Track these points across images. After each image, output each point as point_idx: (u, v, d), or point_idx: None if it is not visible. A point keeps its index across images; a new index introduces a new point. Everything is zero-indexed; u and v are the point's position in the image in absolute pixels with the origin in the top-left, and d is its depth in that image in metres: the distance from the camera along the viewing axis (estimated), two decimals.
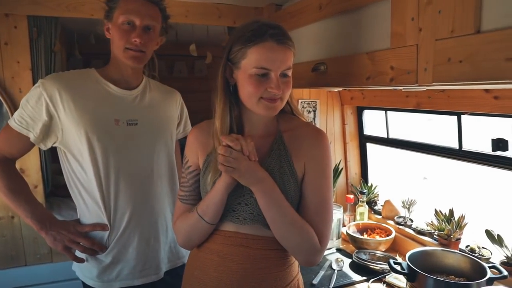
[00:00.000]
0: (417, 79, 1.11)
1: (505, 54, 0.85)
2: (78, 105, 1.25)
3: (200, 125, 1.20)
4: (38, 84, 1.24)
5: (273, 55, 1.00)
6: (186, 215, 1.13)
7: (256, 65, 1.00)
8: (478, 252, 1.64)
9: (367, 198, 2.27)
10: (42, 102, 1.23)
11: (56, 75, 1.30)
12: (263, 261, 1.08)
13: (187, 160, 1.17)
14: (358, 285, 1.68)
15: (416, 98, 1.77)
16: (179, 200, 1.18)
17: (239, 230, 1.08)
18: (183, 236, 1.15)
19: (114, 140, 1.29)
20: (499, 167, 1.54)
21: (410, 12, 1.12)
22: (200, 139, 1.15)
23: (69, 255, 1.32)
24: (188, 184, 1.16)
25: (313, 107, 2.31)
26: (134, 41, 1.26)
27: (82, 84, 1.30)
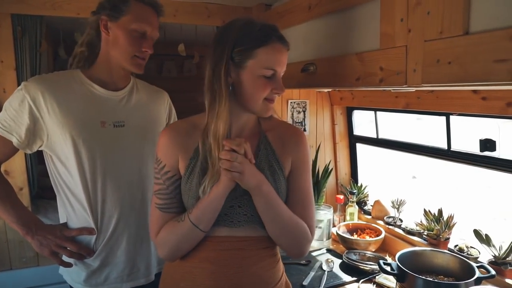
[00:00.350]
0: (406, 80, 1.11)
1: (493, 56, 0.86)
2: (62, 107, 1.22)
3: (175, 126, 1.14)
4: (21, 87, 1.21)
5: (280, 57, 1.04)
6: (173, 225, 1.06)
7: (265, 66, 1.01)
8: (467, 251, 1.65)
9: (357, 198, 2.27)
10: (25, 105, 1.20)
11: (39, 77, 1.27)
12: (258, 261, 1.08)
13: (163, 165, 1.08)
14: (348, 286, 1.68)
15: (405, 98, 1.77)
16: (158, 209, 1.08)
17: (232, 234, 1.07)
18: (170, 248, 1.06)
19: (101, 142, 1.27)
20: (487, 167, 1.56)
21: (399, 13, 1.12)
22: (178, 141, 1.08)
23: (56, 260, 1.30)
24: (167, 191, 1.07)
25: (303, 108, 2.31)
26: (145, 51, 1.28)
27: (67, 86, 1.27)
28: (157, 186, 1.09)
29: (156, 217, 1.08)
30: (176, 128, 1.12)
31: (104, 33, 1.26)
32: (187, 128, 1.09)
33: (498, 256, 1.51)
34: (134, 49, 1.26)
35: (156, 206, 1.08)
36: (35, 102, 1.20)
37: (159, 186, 1.08)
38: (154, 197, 1.10)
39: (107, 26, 1.25)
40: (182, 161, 1.07)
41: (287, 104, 2.26)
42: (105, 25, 1.25)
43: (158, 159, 1.09)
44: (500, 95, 1.35)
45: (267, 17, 2.00)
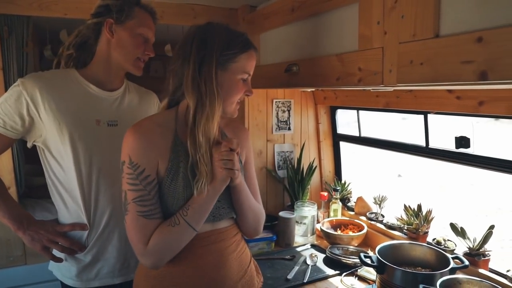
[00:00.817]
0: (383, 80, 1.17)
1: (461, 57, 0.91)
2: (59, 105, 1.25)
3: (146, 127, 1.07)
4: (17, 83, 1.23)
5: (254, 63, 1.15)
6: (167, 230, 1.03)
7: (244, 70, 1.11)
8: (444, 244, 1.72)
9: (341, 195, 2.33)
10: (22, 102, 1.22)
11: (36, 74, 1.29)
12: (235, 247, 1.18)
13: (142, 169, 1.02)
14: (331, 279, 1.74)
15: (385, 98, 1.84)
16: (142, 217, 1.02)
17: (214, 228, 1.13)
18: (165, 254, 1.04)
19: (96, 140, 1.30)
20: (462, 163, 1.63)
21: (376, 16, 1.18)
22: (155, 142, 1.05)
23: (47, 255, 1.31)
24: (150, 197, 1.03)
25: (287, 107, 2.36)
26: (147, 54, 1.36)
27: (63, 84, 1.29)
28: (135, 193, 1.02)
29: (141, 226, 1.02)
30: (148, 128, 1.06)
31: (108, 35, 1.30)
32: (156, 128, 1.07)
33: (473, 248, 1.58)
34: (138, 52, 1.34)
35: (139, 215, 1.02)
36: (32, 98, 1.22)
37: (138, 192, 1.02)
38: (133, 205, 1.02)
39: (111, 28, 1.29)
40: (162, 163, 1.05)
41: (272, 104, 2.31)
42: (110, 27, 1.29)
43: (134, 163, 1.02)
44: (473, 95, 1.42)
45: (252, 19, 2.05)
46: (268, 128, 2.33)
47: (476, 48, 0.88)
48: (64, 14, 1.83)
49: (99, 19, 1.31)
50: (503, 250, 4.48)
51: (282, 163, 2.38)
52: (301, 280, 1.70)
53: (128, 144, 1.03)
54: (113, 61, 1.34)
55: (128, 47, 1.32)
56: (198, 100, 1.04)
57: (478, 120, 1.56)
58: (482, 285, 1.33)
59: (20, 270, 1.96)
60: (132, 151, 1.02)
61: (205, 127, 1.03)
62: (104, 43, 1.32)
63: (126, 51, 1.33)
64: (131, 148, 1.03)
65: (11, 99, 1.22)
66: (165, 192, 1.06)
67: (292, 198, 2.31)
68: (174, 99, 1.13)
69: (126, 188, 1.04)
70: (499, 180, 6.48)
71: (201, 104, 1.03)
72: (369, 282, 1.68)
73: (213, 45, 1.05)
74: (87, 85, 1.33)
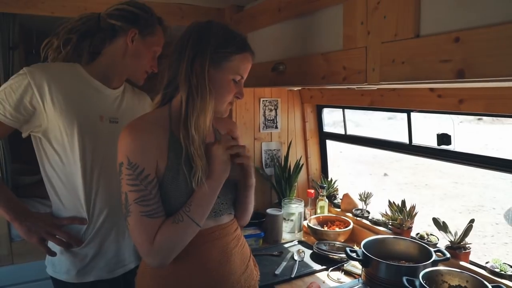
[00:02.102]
0: (366, 78, 1.20)
1: (439, 57, 0.96)
2: (66, 98, 1.26)
3: (142, 126, 1.06)
4: (24, 72, 1.22)
5: (249, 66, 1.17)
6: (172, 228, 1.03)
7: (237, 72, 1.12)
8: (427, 238, 1.77)
9: (327, 192, 2.37)
10: (28, 91, 1.21)
11: (43, 65, 1.28)
12: (237, 242, 1.21)
13: (141, 169, 1.01)
14: (318, 274, 1.77)
15: (370, 96, 1.88)
16: (146, 217, 1.01)
17: (217, 223, 1.16)
18: (171, 251, 1.04)
19: (100, 135, 1.33)
20: (443, 159, 1.68)
21: (360, 17, 1.21)
22: (153, 141, 1.04)
23: (43, 248, 1.30)
24: (151, 196, 1.02)
25: (274, 106, 2.39)
26: (153, 70, 1.45)
27: (70, 78, 1.30)
28: (136, 194, 1.01)
29: (146, 226, 1.01)
30: (144, 128, 1.06)
31: (128, 44, 1.35)
32: (151, 126, 1.07)
33: (454, 241, 1.64)
34: (148, 66, 1.43)
35: (142, 215, 1.01)
36: (39, 89, 1.22)
37: (140, 193, 1.01)
38: (135, 206, 1.01)
39: (133, 38, 1.35)
40: (160, 161, 1.04)
41: (259, 102, 2.34)
42: (133, 37, 1.35)
43: (132, 164, 1.01)
44: (453, 93, 1.47)
45: (239, 18, 2.07)
46: (255, 127, 2.36)
47: (454, 47, 0.92)
48: (51, 12, 1.83)
49: (123, 24, 1.33)
50: (485, 246, 4.59)
51: (269, 161, 2.41)
52: (289, 275, 1.73)
53: (125, 144, 1.02)
54: (123, 66, 1.39)
55: (142, 60, 1.40)
56: (189, 93, 1.05)
57: (462, 119, 1.61)
58: (463, 276, 1.38)
59: (6, 270, 1.94)
60: (130, 152, 1.01)
61: (197, 121, 1.05)
62: (121, 48, 1.36)
63: (139, 62, 1.40)
64: (128, 148, 1.02)
65: (15, 86, 1.21)
66: (167, 190, 1.05)
67: (280, 195, 2.34)
68: (167, 94, 1.14)
69: (126, 190, 1.02)
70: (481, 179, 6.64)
71: (192, 98, 1.05)
72: (355, 276, 1.72)
73: (208, 41, 1.07)
74: (92, 81, 1.35)
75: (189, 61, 1.06)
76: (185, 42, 1.08)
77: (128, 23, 1.34)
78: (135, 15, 1.35)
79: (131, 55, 1.37)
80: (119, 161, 1.03)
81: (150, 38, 1.38)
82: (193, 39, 1.08)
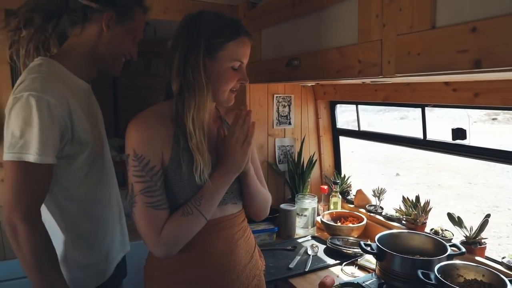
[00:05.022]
0: (382, 71, 1.21)
1: (456, 47, 0.96)
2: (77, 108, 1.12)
3: (148, 118, 1.07)
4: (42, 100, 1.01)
5: (247, 50, 1.13)
6: (181, 220, 1.05)
7: (234, 58, 1.09)
8: (441, 234, 1.77)
9: (340, 188, 2.37)
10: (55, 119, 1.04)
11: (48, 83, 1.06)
12: (243, 233, 1.22)
13: (147, 160, 1.02)
14: (332, 268, 1.78)
15: (384, 91, 1.88)
16: (152, 208, 1.03)
17: (223, 214, 1.17)
18: (179, 243, 1.06)
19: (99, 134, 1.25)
20: (458, 154, 1.67)
21: (375, 10, 1.22)
22: (158, 132, 1.05)
23: None
24: (157, 187, 1.04)
25: (288, 102, 2.40)
26: (131, 57, 1.27)
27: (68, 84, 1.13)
28: (142, 185, 1.03)
29: (152, 217, 1.03)
30: (150, 120, 1.07)
31: (104, 28, 1.15)
32: (158, 118, 1.07)
33: (469, 236, 1.63)
34: (126, 52, 1.24)
35: (148, 206, 1.03)
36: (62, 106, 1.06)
37: (145, 184, 1.03)
38: (141, 197, 1.02)
39: (109, 23, 1.16)
40: (165, 152, 1.06)
41: (273, 99, 2.35)
42: (109, 21, 1.15)
43: (138, 155, 1.02)
44: (468, 87, 1.47)
45: (253, 15, 2.09)
46: (269, 123, 2.37)
47: (471, 37, 0.92)
48: None
49: (97, 6, 1.13)
50: (500, 247, 4.53)
51: (282, 157, 2.42)
52: (303, 269, 1.74)
53: (132, 137, 1.04)
54: (97, 53, 1.19)
55: (119, 47, 1.21)
56: (181, 89, 1.05)
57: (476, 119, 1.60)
58: (479, 270, 1.37)
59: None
60: (136, 144, 1.03)
61: (196, 117, 1.05)
62: (94, 33, 1.16)
63: (115, 49, 1.21)
64: (134, 140, 1.03)
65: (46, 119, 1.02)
66: (170, 181, 1.07)
67: (293, 191, 2.35)
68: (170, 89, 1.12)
69: (132, 181, 1.04)
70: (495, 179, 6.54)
71: (187, 93, 1.04)
72: (369, 270, 1.72)
73: (200, 33, 1.06)
74: (75, 78, 1.18)
75: (181, 56, 1.05)
76: (178, 36, 1.08)
77: (103, 5, 1.13)
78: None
79: (106, 41, 1.17)
80: (126, 153, 1.05)
81: (129, 23, 1.19)
82: (185, 32, 1.07)
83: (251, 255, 1.23)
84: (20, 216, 1.00)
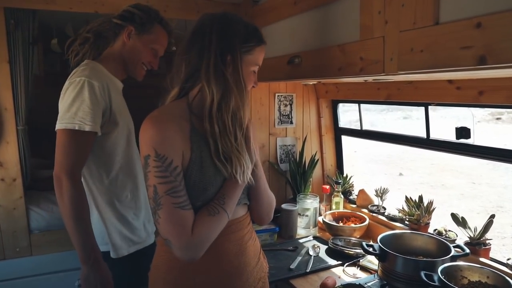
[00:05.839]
0: (384, 68, 1.19)
1: (460, 43, 0.94)
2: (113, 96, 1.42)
3: (165, 118, 1.04)
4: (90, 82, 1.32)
5: (263, 56, 1.18)
6: (208, 220, 1.03)
7: (256, 62, 1.14)
8: (445, 234, 1.74)
9: (343, 188, 2.35)
10: (101, 96, 1.35)
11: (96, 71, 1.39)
12: (250, 236, 1.21)
13: (170, 160, 0.99)
14: (334, 269, 1.76)
15: (386, 90, 1.86)
16: (180, 209, 0.99)
17: (234, 217, 1.14)
18: (206, 244, 1.03)
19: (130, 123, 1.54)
20: (462, 153, 1.65)
21: (377, 6, 1.20)
22: (177, 132, 1.03)
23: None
24: (181, 187, 1.01)
25: (289, 101, 2.38)
26: (151, 67, 1.55)
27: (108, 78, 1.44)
28: (167, 186, 0.99)
29: (181, 218, 0.99)
30: (168, 119, 1.04)
31: (125, 39, 1.48)
32: (174, 118, 1.05)
33: (473, 237, 1.60)
34: (147, 62, 1.53)
35: (175, 207, 0.99)
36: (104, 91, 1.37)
37: (171, 184, 0.99)
38: (167, 198, 0.98)
39: (130, 35, 1.47)
40: (186, 152, 1.03)
41: (274, 98, 2.33)
42: (129, 34, 1.47)
43: (161, 155, 0.99)
44: (472, 85, 1.44)
45: (254, 13, 2.07)
46: (270, 122, 2.35)
47: (475, 33, 0.90)
48: (69, 8, 1.86)
49: (122, 22, 1.47)
50: (504, 247, 4.49)
51: (284, 156, 2.40)
52: (304, 270, 1.72)
53: (151, 136, 1.00)
54: (123, 59, 1.51)
55: (138, 56, 1.50)
56: (226, 88, 1.04)
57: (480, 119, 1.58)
58: (483, 271, 1.35)
59: (25, 261, 1.98)
60: (156, 144, 0.99)
61: (237, 116, 1.06)
62: (120, 44, 1.49)
63: (134, 58, 1.51)
64: (154, 140, 0.99)
65: (92, 95, 1.32)
66: (192, 182, 1.04)
67: (295, 191, 2.34)
68: (185, 88, 1.12)
69: (155, 182, 0.99)
70: (500, 179, 6.50)
71: (228, 93, 1.04)
72: (371, 271, 1.70)
73: (235, 35, 1.07)
74: (112, 76, 1.49)
75: (217, 56, 1.04)
76: (208, 36, 1.05)
77: (125, 21, 1.47)
78: (131, 14, 1.47)
79: (127, 51, 1.49)
80: (145, 153, 1.00)
81: (147, 35, 1.48)
82: (216, 33, 1.05)
83: (258, 257, 1.21)
84: (65, 173, 1.28)
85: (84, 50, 1.50)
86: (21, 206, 1.94)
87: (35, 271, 2.00)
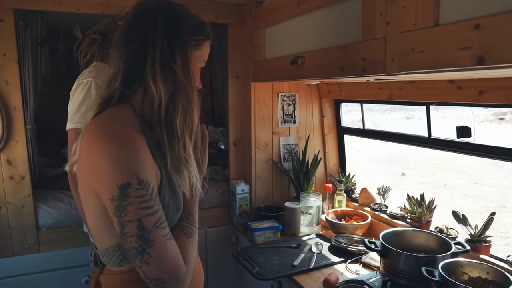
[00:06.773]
0: (386, 68, 1.22)
1: (459, 44, 0.96)
2: None
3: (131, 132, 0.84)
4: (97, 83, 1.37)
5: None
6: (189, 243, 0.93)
7: (203, 59, 1.00)
8: (446, 232, 1.77)
9: (345, 186, 2.38)
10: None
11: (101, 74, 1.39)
12: None
13: (152, 186, 0.83)
14: (336, 266, 1.79)
15: (388, 90, 1.88)
16: (170, 240, 0.85)
17: None
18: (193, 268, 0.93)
19: None
20: (463, 152, 1.67)
21: (379, 8, 1.23)
22: (146, 146, 0.85)
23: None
24: (164, 215, 0.86)
25: (292, 101, 2.41)
26: None
27: None
28: (154, 217, 0.82)
29: (173, 249, 0.85)
30: (133, 133, 0.84)
31: None
32: (135, 131, 0.86)
33: (474, 235, 1.63)
34: None
35: (166, 239, 0.84)
36: None
37: (157, 214, 0.83)
38: (157, 232, 0.81)
39: None
40: (157, 171, 0.88)
41: (278, 97, 2.36)
42: None
43: (144, 182, 0.81)
44: (473, 84, 1.47)
45: (258, 14, 2.10)
46: (273, 121, 2.38)
47: (474, 34, 0.93)
48: (77, 9, 1.89)
49: None
50: (507, 247, 4.50)
51: (287, 155, 2.43)
52: (307, 266, 1.75)
53: (127, 158, 0.80)
54: None
55: None
56: (175, 86, 0.88)
57: (483, 119, 1.60)
58: (483, 267, 1.38)
59: (34, 257, 2.01)
60: (137, 167, 0.80)
61: (187, 120, 0.91)
62: None
63: None
64: (134, 163, 0.80)
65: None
66: (166, 204, 0.90)
67: (298, 189, 2.36)
68: (125, 92, 0.92)
69: (139, 216, 0.80)
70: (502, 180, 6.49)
71: (178, 91, 0.89)
72: (373, 268, 1.73)
73: (184, 27, 0.91)
74: None
75: (165, 50, 0.87)
76: (151, 26, 0.88)
77: None
78: None
79: None
80: (121, 182, 0.79)
81: None
82: (162, 22, 0.89)
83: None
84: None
85: (92, 51, 1.54)
86: (29, 203, 1.98)
87: (43, 267, 2.03)
